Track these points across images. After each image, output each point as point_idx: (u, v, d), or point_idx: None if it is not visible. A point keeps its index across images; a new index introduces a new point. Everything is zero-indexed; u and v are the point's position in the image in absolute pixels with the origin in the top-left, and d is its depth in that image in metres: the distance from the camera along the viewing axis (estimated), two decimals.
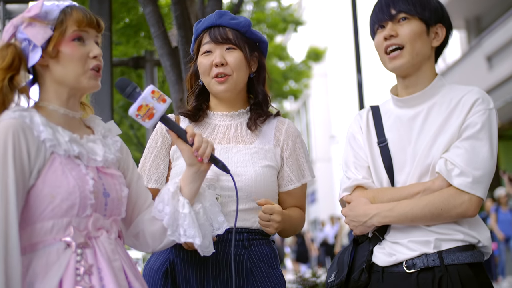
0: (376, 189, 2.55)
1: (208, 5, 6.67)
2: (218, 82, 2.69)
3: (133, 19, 10.89)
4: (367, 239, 2.60)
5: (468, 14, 19.11)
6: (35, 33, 2.10)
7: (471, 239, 2.41)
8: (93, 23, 2.17)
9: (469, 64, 17.22)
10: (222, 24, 2.73)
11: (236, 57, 2.70)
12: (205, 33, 2.74)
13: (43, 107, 2.15)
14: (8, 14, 10.25)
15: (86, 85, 2.16)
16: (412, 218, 2.39)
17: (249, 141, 2.72)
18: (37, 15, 2.11)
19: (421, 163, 2.45)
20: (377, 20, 2.59)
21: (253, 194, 2.61)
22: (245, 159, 2.65)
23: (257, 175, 2.62)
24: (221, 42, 2.70)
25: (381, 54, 2.59)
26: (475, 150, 2.38)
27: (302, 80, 21.99)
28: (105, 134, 2.29)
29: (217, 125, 2.77)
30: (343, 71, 31.70)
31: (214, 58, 2.69)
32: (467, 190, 2.34)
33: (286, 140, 2.77)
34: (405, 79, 2.59)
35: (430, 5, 2.56)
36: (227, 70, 2.68)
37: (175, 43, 6.93)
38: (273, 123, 2.81)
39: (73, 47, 2.13)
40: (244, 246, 2.60)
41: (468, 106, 2.44)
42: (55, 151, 2.05)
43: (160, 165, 2.76)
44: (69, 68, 2.13)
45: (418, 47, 2.52)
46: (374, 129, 2.64)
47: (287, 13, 19.67)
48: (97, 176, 2.13)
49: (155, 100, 2.17)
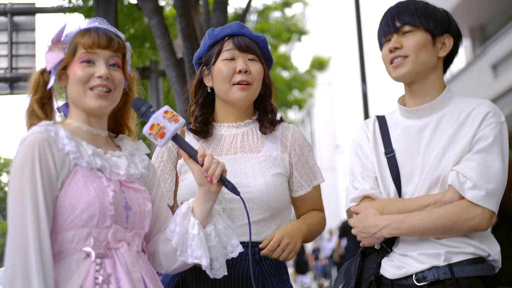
0: (384, 200, 2.53)
1: (213, 16, 6.69)
2: (241, 88, 2.68)
3: (138, 30, 10.91)
4: (374, 251, 2.58)
5: (472, 22, 19.09)
6: (49, 58, 2.21)
7: (481, 252, 2.40)
8: (102, 43, 2.19)
9: (474, 73, 17.18)
10: (244, 34, 2.74)
11: (258, 68, 2.72)
12: (227, 41, 2.73)
13: (69, 124, 2.22)
14: (15, 26, 10.29)
15: (88, 105, 2.19)
16: (423, 230, 2.38)
17: (256, 150, 2.71)
18: (56, 40, 2.22)
19: (430, 175, 2.44)
20: (383, 33, 2.62)
21: (265, 204, 2.59)
22: (254, 169, 2.64)
23: (268, 185, 2.60)
24: (245, 50, 2.70)
25: (387, 65, 2.61)
26: (488, 163, 2.37)
27: (306, 90, 21.96)
28: (132, 152, 2.34)
29: (223, 135, 2.75)
30: (347, 80, 31.69)
31: (237, 65, 2.68)
32: (480, 203, 2.33)
33: (293, 145, 2.77)
34: (411, 86, 2.59)
35: (435, 15, 2.56)
36: (250, 78, 2.69)
37: (180, 54, 6.95)
38: (278, 129, 2.81)
39: (78, 68, 2.18)
40: (255, 260, 2.58)
41: (479, 119, 2.43)
42: (78, 163, 2.10)
43: (167, 180, 2.74)
44: (74, 89, 2.20)
45: (422, 56, 2.52)
46: (381, 139, 2.63)
47: (291, 23, 19.70)
48: (119, 189, 2.17)
49: (167, 120, 2.18)
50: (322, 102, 33.87)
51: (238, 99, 2.70)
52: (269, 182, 2.61)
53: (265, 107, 2.82)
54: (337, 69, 31.86)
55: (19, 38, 10.35)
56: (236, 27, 2.74)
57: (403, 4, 2.60)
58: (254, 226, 2.57)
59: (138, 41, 11.26)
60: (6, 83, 10.56)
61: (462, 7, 17.60)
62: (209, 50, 2.79)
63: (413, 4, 2.59)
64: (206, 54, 2.80)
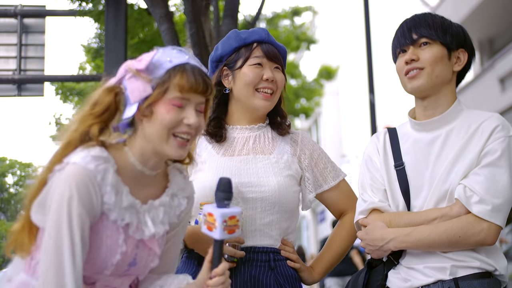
0: (392, 213, 2.53)
1: (223, 23, 6.71)
2: (265, 97, 2.71)
3: (148, 35, 10.94)
4: (381, 263, 2.58)
5: (481, 35, 19.09)
6: (134, 88, 2.02)
7: (487, 267, 2.38)
8: (198, 89, 2.04)
9: (481, 86, 17.16)
10: (271, 42, 2.77)
11: (282, 78, 2.76)
12: (256, 47, 2.74)
13: (125, 153, 2.07)
14: (25, 28, 10.33)
15: (167, 152, 2.05)
16: (430, 244, 2.38)
17: (268, 152, 2.73)
18: (143, 69, 2.02)
19: (438, 188, 2.44)
20: (398, 44, 2.61)
21: (277, 204, 2.61)
22: (266, 170, 2.65)
23: (280, 185, 2.62)
24: (272, 59, 2.73)
25: (401, 77, 2.61)
26: (495, 177, 2.36)
27: (313, 98, 21.97)
28: (175, 193, 2.21)
29: (235, 137, 2.76)
30: (355, 90, 31.67)
31: (265, 73, 2.71)
32: (486, 218, 2.32)
33: (303, 149, 2.80)
34: (424, 100, 2.59)
35: (452, 30, 2.57)
36: (274, 86, 2.72)
37: None
38: (288, 135, 2.84)
39: (168, 110, 2.01)
40: (270, 267, 2.59)
41: (487, 132, 2.43)
42: (106, 213, 1.99)
43: None
44: (156, 130, 2.02)
45: (438, 70, 2.52)
46: (391, 152, 2.63)
47: (300, 31, 19.75)
48: (133, 246, 2.07)
49: (223, 226, 2.02)
50: (329, 111, 33.86)
51: (260, 107, 2.74)
52: (282, 182, 2.63)
53: (278, 111, 2.85)
54: (345, 79, 31.86)
55: (28, 40, 10.39)
56: (265, 34, 2.76)
57: (420, 17, 2.60)
58: (265, 227, 2.60)
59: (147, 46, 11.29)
60: (15, 85, 10.60)
61: (471, 20, 17.61)
62: (233, 52, 2.78)
63: (430, 17, 2.59)
64: (230, 56, 2.79)
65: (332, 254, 2.82)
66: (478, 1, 17.15)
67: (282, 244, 2.66)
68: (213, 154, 2.71)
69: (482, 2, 17.00)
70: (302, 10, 19.85)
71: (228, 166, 2.65)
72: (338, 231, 2.85)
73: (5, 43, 10.58)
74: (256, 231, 2.58)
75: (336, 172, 2.84)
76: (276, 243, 2.63)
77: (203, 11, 6.95)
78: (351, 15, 31.07)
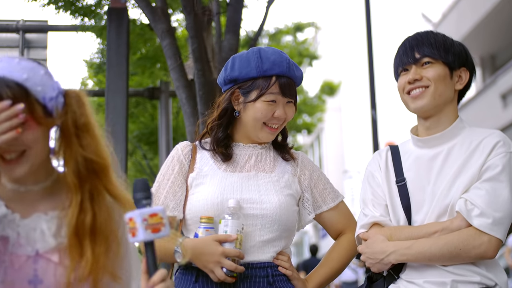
0: (393, 227, 2.54)
1: (225, 38, 6.72)
2: (271, 131, 2.69)
3: (150, 50, 10.96)
4: (381, 277, 2.58)
5: (483, 52, 19.14)
6: None
7: (488, 282, 2.38)
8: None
9: (483, 102, 17.19)
10: (290, 76, 2.67)
11: (292, 112, 2.71)
12: (275, 83, 2.63)
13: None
14: (27, 43, 10.35)
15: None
16: (430, 257, 2.37)
17: (269, 170, 2.72)
18: None
19: (440, 203, 2.44)
20: (401, 63, 2.62)
21: (277, 223, 2.60)
22: (268, 187, 2.65)
23: (281, 203, 2.61)
24: (287, 95, 2.66)
25: (403, 96, 2.62)
26: (496, 192, 2.36)
27: (316, 114, 21.98)
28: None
29: (237, 154, 2.75)
30: (357, 106, 31.72)
31: (277, 110, 2.64)
32: (487, 231, 2.32)
33: (303, 170, 2.79)
34: (427, 120, 2.59)
35: (454, 49, 2.57)
36: (283, 122, 2.70)
37: (191, 76, 6.97)
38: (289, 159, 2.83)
39: None
40: (269, 283, 2.57)
41: (489, 148, 2.44)
42: None
43: (178, 192, 2.69)
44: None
45: (441, 89, 2.53)
46: (393, 168, 2.64)
47: (303, 47, 19.77)
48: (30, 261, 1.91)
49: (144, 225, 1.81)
50: (331, 127, 33.91)
51: (264, 139, 2.73)
52: (283, 201, 2.62)
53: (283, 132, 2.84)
54: (347, 95, 31.93)
55: (30, 55, 10.39)
56: (286, 68, 2.65)
57: (423, 35, 2.60)
58: (263, 244, 2.59)
59: (149, 61, 11.32)
60: None
61: (473, 36, 17.67)
62: (250, 79, 2.67)
63: (433, 36, 2.59)
64: (245, 83, 2.68)
65: (328, 270, 2.80)
66: (480, 17, 17.21)
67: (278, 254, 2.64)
68: (215, 168, 2.70)
69: (485, 18, 17.07)
70: (305, 26, 19.88)
71: (230, 181, 2.64)
72: (336, 247, 2.84)
73: None
74: (255, 247, 2.57)
75: (335, 194, 2.84)
76: (271, 257, 2.62)
77: (205, 27, 6.95)
78: (353, 31, 31.17)
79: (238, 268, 2.46)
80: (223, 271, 2.44)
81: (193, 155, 2.75)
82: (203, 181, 2.66)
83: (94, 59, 14.34)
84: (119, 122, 8.56)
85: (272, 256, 2.61)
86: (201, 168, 2.70)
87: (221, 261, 2.43)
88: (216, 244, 2.45)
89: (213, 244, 2.45)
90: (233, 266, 2.45)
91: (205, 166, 2.71)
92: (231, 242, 2.46)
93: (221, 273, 2.43)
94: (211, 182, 2.64)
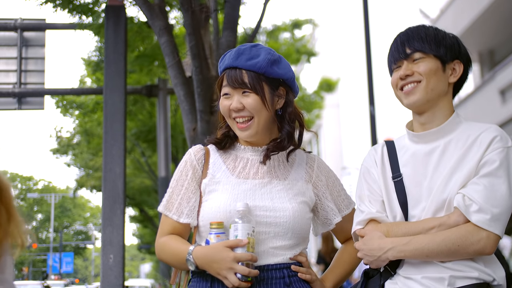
0: (390, 223, 2.53)
1: (222, 36, 6.71)
2: (240, 128, 2.63)
3: (148, 48, 10.97)
4: (378, 273, 2.57)
5: (481, 47, 19.13)
6: None
7: (486, 277, 2.37)
8: None
9: (482, 98, 17.18)
10: (238, 66, 2.61)
11: (252, 101, 2.59)
12: (224, 75, 2.65)
13: None
14: (25, 41, 10.36)
15: None
16: (428, 253, 2.37)
17: (282, 177, 2.68)
18: None
19: (436, 198, 2.43)
20: (393, 59, 2.62)
21: (290, 231, 2.57)
22: (281, 195, 2.61)
23: (295, 211, 2.57)
24: (237, 86, 2.60)
25: (396, 91, 2.62)
26: (494, 187, 2.36)
27: (314, 111, 22.02)
28: None
29: (249, 159, 2.70)
30: (355, 102, 31.74)
31: (231, 103, 2.61)
32: (485, 227, 2.32)
33: (319, 176, 2.76)
34: (422, 116, 2.59)
35: (445, 41, 2.56)
36: (246, 113, 2.61)
37: (189, 73, 6.96)
38: (303, 159, 2.78)
39: None
40: (286, 284, 2.54)
41: (486, 143, 2.43)
42: None
43: (192, 199, 2.66)
44: None
45: (433, 83, 2.52)
46: (389, 164, 2.63)
47: (300, 44, 19.78)
48: None
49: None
50: (330, 123, 33.91)
51: (242, 137, 2.68)
52: (296, 209, 2.59)
53: (281, 130, 2.72)
54: (345, 91, 31.93)
55: (28, 53, 10.42)
56: (230, 59, 2.63)
57: (413, 30, 2.60)
58: (278, 249, 2.56)
59: (147, 59, 11.34)
60: (15, 98, 10.62)
61: (471, 32, 17.66)
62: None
63: (423, 30, 2.58)
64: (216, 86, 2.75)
65: (342, 270, 2.80)
66: (478, 12, 17.20)
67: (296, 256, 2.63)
68: (227, 175, 2.66)
69: (482, 14, 17.05)
70: (303, 23, 19.89)
71: (243, 189, 2.60)
72: (347, 248, 2.84)
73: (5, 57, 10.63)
74: (268, 252, 2.54)
75: (349, 200, 2.82)
76: (288, 259, 2.59)
77: (202, 24, 6.95)
78: (351, 28, 31.16)
79: (252, 272, 2.40)
80: (236, 277, 2.38)
81: (206, 160, 2.71)
82: (216, 188, 2.62)
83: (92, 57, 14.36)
84: (117, 120, 8.58)
85: (288, 258, 2.58)
86: (214, 174, 2.66)
87: (233, 267, 2.37)
88: (227, 250, 2.40)
89: (224, 250, 2.40)
90: (246, 270, 2.39)
91: (217, 172, 2.67)
92: (242, 246, 2.41)
93: (235, 279, 2.38)
94: (224, 189, 2.60)
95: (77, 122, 21.65)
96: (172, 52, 6.78)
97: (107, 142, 8.62)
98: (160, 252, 2.65)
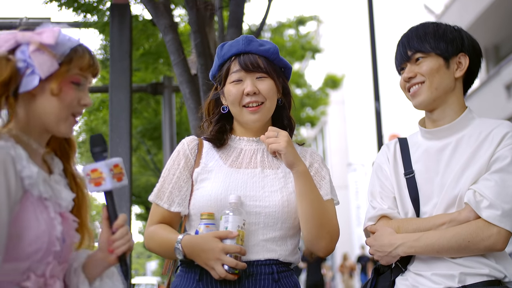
0: (401, 219, 2.53)
1: (227, 33, 6.71)
2: (251, 111, 2.64)
3: (153, 46, 10.98)
4: (388, 269, 2.57)
5: (487, 42, 19.07)
6: (42, 62, 1.92)
7: (497, 274, 2.36)
8: (95, 70, 2.06)
9: (487, 93, 17.14)
10: (251, 51, 2.65)
11: (268, 85, 2.63)
12: (234, 61, 2.65)
13: (16, 136, 1.95)
14: None
15: (63, 130, 2.02)
16: (439, 249, 2.36)
17: (275, 166, 2.67)
18: (49, 44, 1.94)
19: (448, 194, 2.43)
20: (397, 62, 2.65)
21: (279, 221, 2.55)
22: (273, 184, 2.60)
23: (284, 201, 2.56)
24: (252, 70, 2.62)
25: (405, 93, 2.65)
26: (505, 183, 2.35)
27: (319, 107, 21.99)
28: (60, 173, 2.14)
29: (243, 149, 2.72)
30: (360, 99, 31.70)
31: (245, 87, 2.61)
32: (496, 223, 2.31)
33: (312, 163, 2.72)
34: (432, 113, 2.59)
35: (446, 36, 2.55)
36: (260, 98, 2.62)
37: (194, 71, 6.97)
38: (296, 148, 2.73)
39: (69, 89, 1.98)
40: (274, 279, 2.52)
41: (498, 139, 2.42)
42: (29, 190, 1.89)
43: (183, 188, 2.65)
44: (54, 108, 1.97)
45: (436, 81, 2.52)
46: (401, 161, 2.63)
47: (305, 40, 19.77)
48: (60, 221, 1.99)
49: (111, 174, 2.04)
50: (335, 120, 33.88)
51: (250, 122, 2.67)
52: (286, 198, 2.57)
53: (282, 120, 2.77)
54: (350, 87, 31.89)
55: None
56: (242, 45, 2.66)
57: (412, 30, 2.61)
58: (269, 243, 2.54)
59: (152, 57, 11.34)
60: None
61: (476, 27, 17.60)
62: (219, 69, 2.73)
63: (422, 28, 2.58)
64: (218, 74, 2.75)
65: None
66: (483, 8, 17.15)
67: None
68: (220, 164, 2.66)
69: (488, 9, 17.01)
70: (307, 20, 19.86)
71: (235, 178, 2.60)
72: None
73: None
74: (259, 246, 2.52)
75: (331, 191, 2.69)
76: (279, 257, 2.56)
77: (207, 21, 6.95)
78: (356, 24, 31.13)
79: (239, 264, 2.40)
80: (224, 268, 2.37)
81: (199, 150, 2.72)
82: (208, 177, 2.62)
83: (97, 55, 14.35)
84: (122, 118, 8.59)
85: (279, 254, 2.56)
86: (207, 163, 2.67)
87: (221, 257, 2.37)
88: (216, 241, 2.39)
89: (213, 240, 2.39)
90: (233, 262, 2.38)
91: (210, 161, 2.67)
92: (232, 238, 2.40)
93: (222, 270, 2.37)
94: (216, 177, 2.60)
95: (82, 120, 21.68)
96: (177, 50, 6.78)
97: (112, 140, 8.63)
98: (149, 241, 2.63)
